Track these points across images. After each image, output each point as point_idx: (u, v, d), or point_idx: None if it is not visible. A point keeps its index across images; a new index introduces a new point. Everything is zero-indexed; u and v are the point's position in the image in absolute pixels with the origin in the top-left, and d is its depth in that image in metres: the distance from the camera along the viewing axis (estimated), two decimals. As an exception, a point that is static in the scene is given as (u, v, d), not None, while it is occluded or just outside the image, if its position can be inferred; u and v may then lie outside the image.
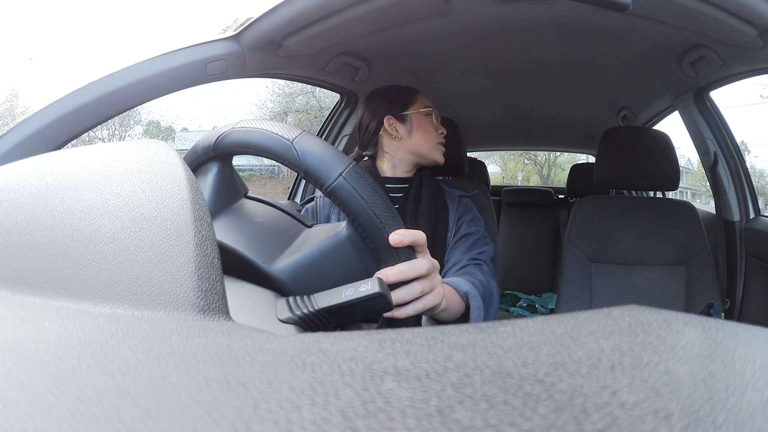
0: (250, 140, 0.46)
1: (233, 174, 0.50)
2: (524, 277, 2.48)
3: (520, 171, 18.97)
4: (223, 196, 0.48)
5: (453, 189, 1.05)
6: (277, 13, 0.89)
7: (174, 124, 17.93)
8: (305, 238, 0.47)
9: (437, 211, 0.97)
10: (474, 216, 1.00)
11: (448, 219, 0.98)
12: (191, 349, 0.16)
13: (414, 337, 0.16)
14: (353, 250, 0.45)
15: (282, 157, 0.45)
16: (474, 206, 1.03)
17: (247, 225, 0.47)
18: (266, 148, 0.45)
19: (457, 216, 0.98)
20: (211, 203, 0.47)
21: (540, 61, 1.39)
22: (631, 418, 0.10)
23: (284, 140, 0.45)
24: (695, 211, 1.33)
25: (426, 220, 0.94)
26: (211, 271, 0.25)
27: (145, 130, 16.37)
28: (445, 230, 0.96)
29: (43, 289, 0.23)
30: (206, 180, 0.49)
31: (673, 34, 1.08)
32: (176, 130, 17.40)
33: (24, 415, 0.11)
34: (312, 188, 1.62)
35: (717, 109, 1.47)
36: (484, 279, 0.82)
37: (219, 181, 0.49)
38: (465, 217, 0.99)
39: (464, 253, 0.91)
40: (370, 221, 0.44)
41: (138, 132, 15.84)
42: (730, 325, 0.16)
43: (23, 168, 0.30)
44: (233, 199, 0.49)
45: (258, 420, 0.11)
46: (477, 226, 0.98)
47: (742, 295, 1.39)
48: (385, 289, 0.40)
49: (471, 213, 1.00)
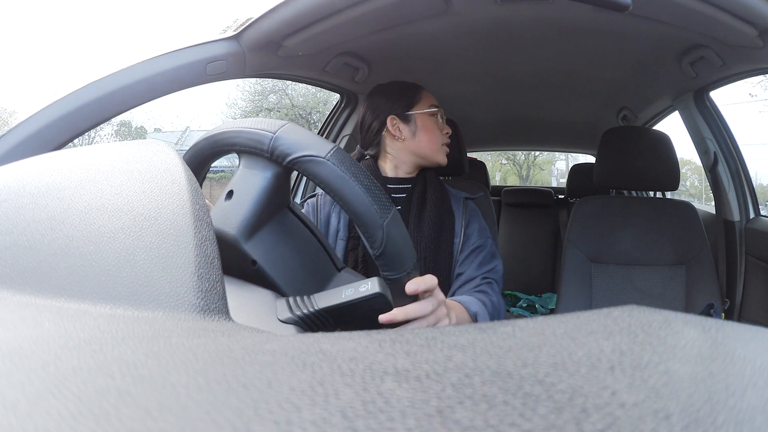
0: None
1: (287, 181, 0.49)
2: (524, 277, 2.48)
3: (498, 171, 18.86)
4: (272, 204, 0.46)
5: (457, 191, 1.02)
6: (277, 13, 0.89)
7: (146, 125, 17.46)
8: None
9: (442, 215, 0.94)
10: (482, 225, 0.98)
11: (454, 224, 0.95)
12: (191, 350, 0.16)
13: (414, 337, 0.16)
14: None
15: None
16: (479, 211, 1.01)
17: (287, 250, 0.46)
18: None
19: (464, 222, 0.96)
20: (258, 208, 0.45)
21: (540, 61, 1.39)
22: (631, 418, 0.10)
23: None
24: (695, 211, 1.33)
25: (431, 225, 0.92)
26: (211, 271, 0.25)
27: (115, 131, 15.86)
28: (451, 235, 0.94)
29: (43, 290, 0.23)
30: (256, 181, 0.46)
31: (673, 34, 1.08)
32: (148, 131, 16.86)
33: (24, 415, 0.11)
34: (312, 187, 1.62)
35: (717, 109, 1.47)
36: (495, 299, 0.84)
37: (273, 186, 0.46)
38: (473, 225, 0.96)
39: (477, 269, 0.90)
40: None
41: (108, 132, 15.28)
42: (730, 325, 0.16)
43: (23, 168, 0.30)
44: (279, 209, 0.48)
45: (258, 420, 0.11)
46: (486, 236, 0.96)
47: (742, 295, 1.39)
48: (385, 289, 0.40)
49: (478, 221, 0.98)
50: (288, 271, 0.45)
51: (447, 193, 0.99)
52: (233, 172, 0.51)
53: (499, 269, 0.93)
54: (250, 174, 0.47)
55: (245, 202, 0.45)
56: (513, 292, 2.37)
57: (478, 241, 0.94)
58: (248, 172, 0.47)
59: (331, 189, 0.44)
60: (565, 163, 19.19)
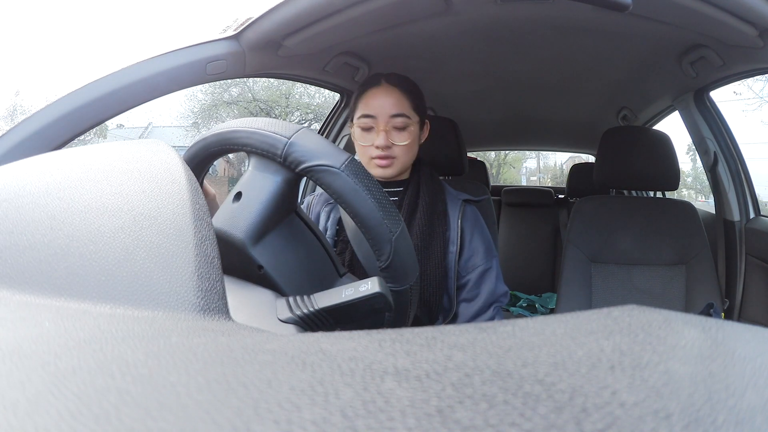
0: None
1: (297, 187, 0.49)
2: (524, 277, 2.48)
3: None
4: (281, 209, 0.46)
5: (458, 192, 0.95)
6: (277, 13, 0.88)
7: (109, 121, 17.09)
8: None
9: (433, 222, 0.88)
10: (487, 243, 0.91)
11: (446, 231, 0.89)
12: (191, 349, 0.16)
13: (414, 337, 0.16)
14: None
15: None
16: (481, 219, 0.94)
17: (292, 255, 0.46)
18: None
19: (459, 228, 0.89)
20: (267, 213, 0.45)
21: (540, 61, 1.39)
22: (631, 418, 0.10)
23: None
24: (695, 211, 1.33)
25: (419, 234, 0.85)
26: (211, 271, 0.25)
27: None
28: (443, 243, 0.87)
29: (43, 289, 0.23)
30: (266, 184, 0.46)
31: (673, 34, 1.08)
32: (109, 127, 16.44)
33: (24, 415, 0.11)
34: (312, 187, 1.62)
35: (717, 109, 1.47)
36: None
37: (283, 191, 0.46)
38: (476, 239, 0.90)
39: (489, 295, 0.87)
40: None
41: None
42: (730, 325, 0.16)
43: (23, 168, 0.30)
44: (287, 213, 0.47)
45: (258, 420, 0.11)
46: (493, 256, 0.90)
47: (742, 295, 1.39)
48: (385, 289, 0.40)
49: (481, 235, 0.91)
50: (292, 276, 0.45)
51: (443, 197, 0.92)
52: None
53: (502, 290, 0.90)
54: (260, 177, 0.46)
55: (254, 206, 0.45)
56: (513, 292, 2.37)
57: (486, 264, 0.89)
58: (259, 175, 0.46)
59: (343, 200, 0.44)
60: (535, 161, 19.23)
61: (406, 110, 0.88)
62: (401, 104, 0.87)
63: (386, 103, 0.87)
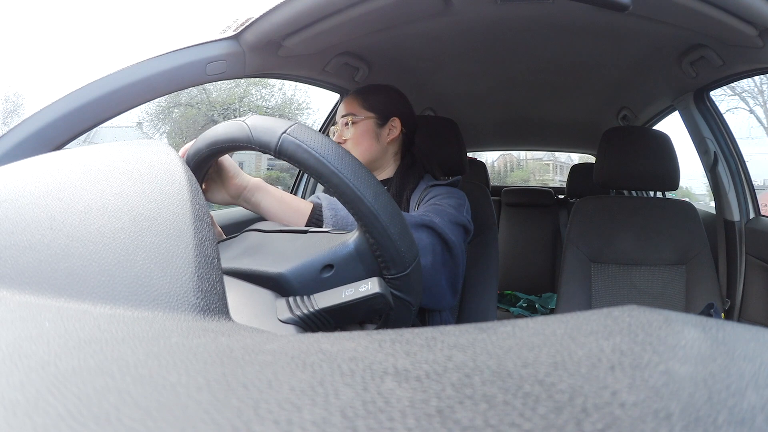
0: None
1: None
2: (524, 277, 2.48)
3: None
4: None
5: (432, 180, 0.97)
6: (277, 13, 0.88)
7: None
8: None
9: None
10: (438, 211, 0.82)
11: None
12: (191, 350, 0.16)
13: (414, 337, 0.16)
14: (359, 261, 0.46)
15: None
16: (450, 195, 0.89)
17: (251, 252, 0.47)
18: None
19: (416, 204, 0.90)
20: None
21: (540, 61, 1.39)
22: (631, 418, 0.10)
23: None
24: (695, 211, 1.33)
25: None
26: (211, 271, 0.25)
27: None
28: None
29: (43, 289, 0.23)
30: (357, 273, 0.46)
31: (673, 34, 1.08)
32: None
33: (24, 416, 0.11)
34: (313, 187, 1.62)
35: (717, 109, 1.47)
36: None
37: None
38: (422, 207, 0.87)
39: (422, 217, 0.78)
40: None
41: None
42: (730, 325, 0.16)
43: (23, 168, 0.30)
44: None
45: (258, 420, 0.11)
46: (437, 214, 0.80)
47: (742, 295, 1.39)
48: (385, 289, 0.40)
49: (436, 204, 0.86)
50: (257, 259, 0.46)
51: (412, 187, 0.95)
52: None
53: (461, 219, 0.81)
54: (357, 258, 0.46)
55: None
56: (513, 292, 2.38)
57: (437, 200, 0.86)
58: (356, 256, 0.46)
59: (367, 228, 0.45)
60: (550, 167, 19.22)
61: (353, 110, 0.97)
62: (350, 105, 0.98)
63: (341, 110, 1.00)
